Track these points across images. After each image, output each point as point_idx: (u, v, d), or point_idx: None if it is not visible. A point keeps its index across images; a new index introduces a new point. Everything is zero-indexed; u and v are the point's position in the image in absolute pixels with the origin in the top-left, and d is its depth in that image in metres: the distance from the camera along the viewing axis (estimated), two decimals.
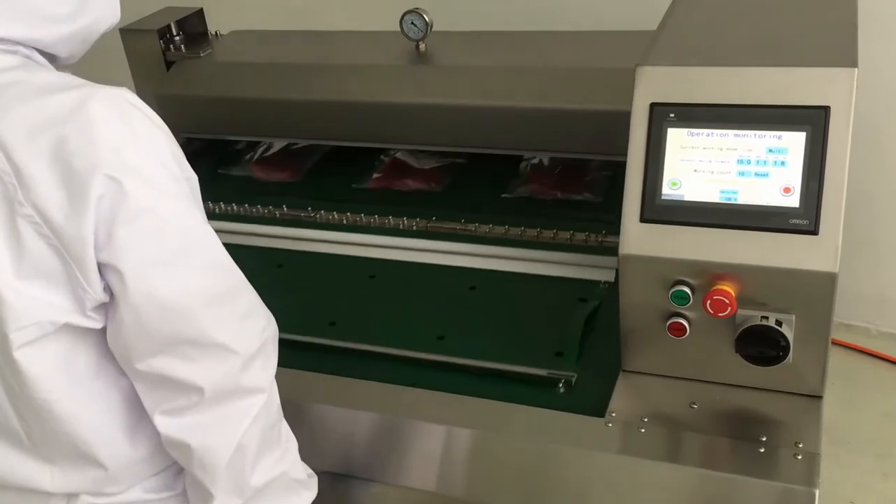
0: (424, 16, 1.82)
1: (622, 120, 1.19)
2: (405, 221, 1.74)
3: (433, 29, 1.84)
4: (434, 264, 1.64)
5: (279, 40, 2.17)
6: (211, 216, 1.79)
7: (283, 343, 1.25)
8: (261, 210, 1.85)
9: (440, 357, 1.38)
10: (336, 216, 1.78)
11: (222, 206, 1.88)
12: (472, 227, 1.69)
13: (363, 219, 1.76)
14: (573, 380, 1.30)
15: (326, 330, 1.49)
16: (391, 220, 1.74)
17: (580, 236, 1.62)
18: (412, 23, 1.82)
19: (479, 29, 2.05)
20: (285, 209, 1.84)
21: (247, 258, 1.05)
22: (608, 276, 1.50)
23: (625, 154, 1.19)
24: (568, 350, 1.36)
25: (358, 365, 1.40)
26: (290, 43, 2.15)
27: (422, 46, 1.87)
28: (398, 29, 1.85)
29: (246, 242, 1.76)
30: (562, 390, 1.29)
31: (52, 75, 0.94)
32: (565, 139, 1.68)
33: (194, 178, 0.98)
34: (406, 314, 1.52)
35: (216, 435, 0.96)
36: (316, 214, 1.80)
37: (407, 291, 1.58)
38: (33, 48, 0.96)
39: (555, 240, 1.63)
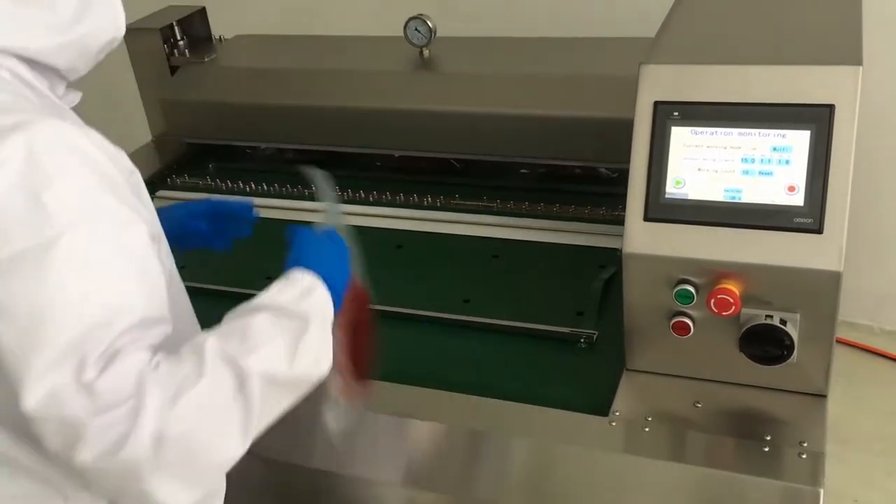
0: (428, 22, 1.82)
1: (627, 128, 1.19)
2: (429, 199, 1.80)
3: (437, 35, 1.84)
4: (457, 234, 1.72)
5: (283, 45, 2.18)
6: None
7: None
8: (290, 189, 1.89)
9: (467, 317, 1.46)
10: (363, 193, 1.85)
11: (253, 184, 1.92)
12: (494, 203, 1.76)
13: (389, 196, 1.82)
14: (594, 337, 1.37)
15: None
16: (415, 198, 1.81)
17: (598, 210, 1.68)
18: (416, 29, 1.83)
19: (483, 35, 2.05)
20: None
21: (279, 232, 1.12)
22: None
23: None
24: (588, 310, 1.44)
25: (389, 326, 1.45)
26: (294, 48, 2.15)
27: (425, 52, 1.88)
28: (402, 33, 1.85)
29: (283, 217, 1.80)
30: (583, 346, 1.37)
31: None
32: (569, 147, 1.71)
33: None
34: (432, 280, 1.60)
35: None
36: (344, 192, 1.85)
37: (432, 260, 1.66)
38: (24, 59, 0.93)
39: (573, 214, 1.70)
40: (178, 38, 2.08)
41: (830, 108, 1.09)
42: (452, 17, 1.95)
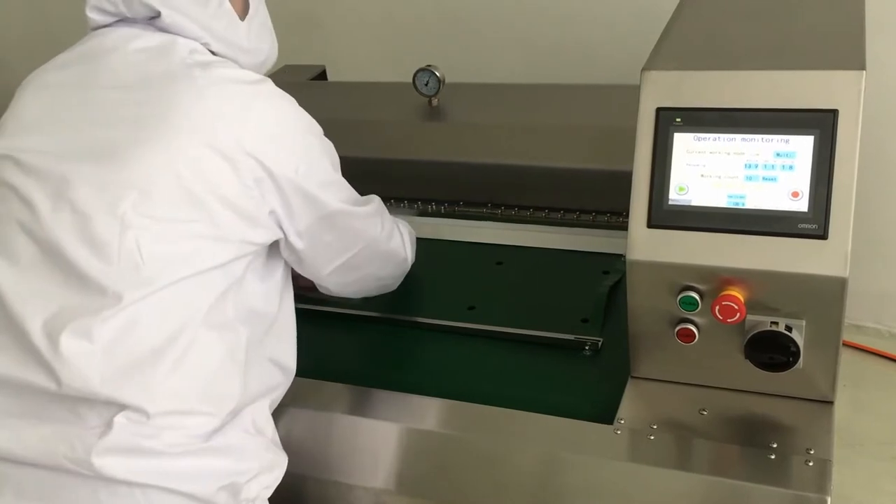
0: (436, 73, 1.81)
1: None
2: (433, 205, 1.79)
3: (447, 81, 1.83)
4: (461, 241, 1.72)
5: (293, 92, 2.15)
6: None
7: (323, 315, 1.52)
8: None
9: (471, 325, 1.46)
10: None
11: None
12: (498, 210, 1.75)
13: (392, 203, 1.80)
14: (599, 343, 1.37)
15: (362, 302, 1.55)
16: (419, 205, 1.81)
17: (602, 217, 1.67)
18: (426, 82, 1.82)
19: (493, 80, 2.05)
20: None
21: None
22: None
23: None
24: (593, 316, 1.43)
25: (393, 334, 1.50)
26: (304, 95, 2.12)
27: (434, 101, 1.87)
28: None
29: None
30: (588, 353, 1.37)
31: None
32: (579, 198, 1.70)
33: None
34: (437, 287, 1.60)
35: None
36: None
37: (436, 267, 1.65)
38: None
39: (577, 220, 1.69)
40: None
41: (834, 113, 1.09)
42: (464, 62, 1.94)
